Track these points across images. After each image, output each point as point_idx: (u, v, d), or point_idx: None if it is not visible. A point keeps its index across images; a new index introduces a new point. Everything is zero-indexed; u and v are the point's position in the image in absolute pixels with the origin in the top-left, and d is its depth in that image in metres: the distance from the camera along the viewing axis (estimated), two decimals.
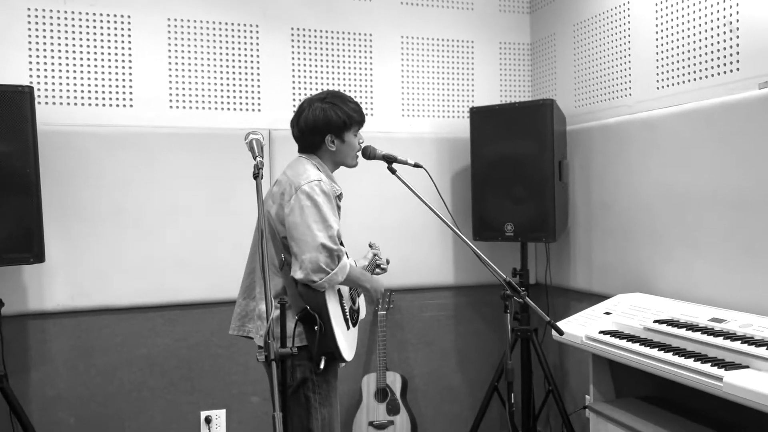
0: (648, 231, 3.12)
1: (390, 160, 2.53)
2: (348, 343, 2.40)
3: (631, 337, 2.56)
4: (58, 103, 3.29)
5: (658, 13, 3.13)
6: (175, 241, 3.39)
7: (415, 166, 2.56)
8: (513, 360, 2.46)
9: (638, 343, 2.47)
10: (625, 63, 3.36)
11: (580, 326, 2.82)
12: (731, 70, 2.75)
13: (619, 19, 3.38)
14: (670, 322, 2.55)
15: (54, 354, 3.27)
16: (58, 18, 3.28)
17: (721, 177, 2.71)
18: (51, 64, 3.27)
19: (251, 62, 3.62)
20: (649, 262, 3.12)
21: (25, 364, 3.22)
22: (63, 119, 3.28)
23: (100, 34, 3.35)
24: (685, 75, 2.99)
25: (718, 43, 2.81)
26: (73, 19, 3.31)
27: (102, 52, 3.36)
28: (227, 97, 3.58)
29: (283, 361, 1.89)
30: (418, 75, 3.95)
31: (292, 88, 3.69)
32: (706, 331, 2.38)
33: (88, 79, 3.33)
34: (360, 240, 2.91)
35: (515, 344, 3.51)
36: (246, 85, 3.61)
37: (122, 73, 3.39)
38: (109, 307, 3.33)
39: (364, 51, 3.83)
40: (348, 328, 2.44)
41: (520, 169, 3.47)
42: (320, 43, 3.74)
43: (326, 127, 2.41)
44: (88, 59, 3.33)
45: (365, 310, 2.78)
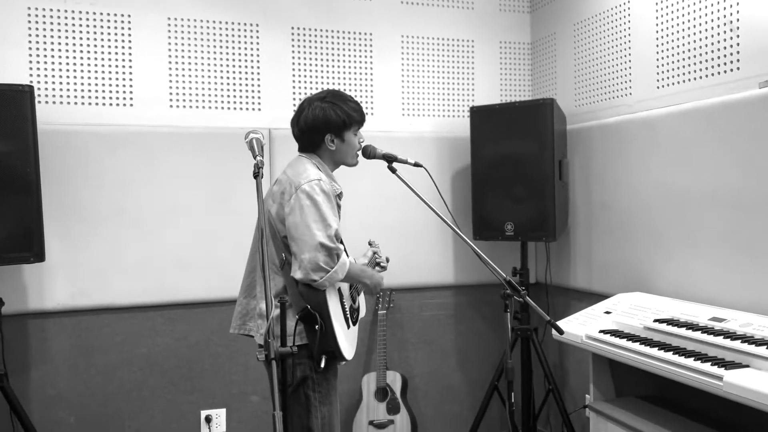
0: (648, 230, 3.12)
1: (390, 159, 2.53)
2: (348, 341, 2.40)
3: (631, 337, 2.56)
4: (58, 103, 3.29)
5: (658, 13, 3.13)
6: (175, 241, 3.40)
7: (416, 165, 2.56)
8: (513, 359, 2.46)
9: (638, 343, 2.47)
10: (626, 62, 3.36)
11: (580, 325, 2.83)
12: (731, 70, 2.75)
13: (620, 19, 3.38)
14: (670, 322, 2.55)
15: (54, 353, 3.27)
16: (58, 17, 3.28)
17: (722, 176, 2.71)
18: (51, 63, 3.27)
19: (251, 61, 3.62)
20: (649, 261, 3.12)
21: (26, 364, 3.22)
22: (63, 118, 3.28)
23: (101, 34, 3.35)
24: (685, 74, 2.99)
25: (719, 42, 2.81)
26: (73, 19, 3.31)
27: (102, 52, 3.36)
28: (227, 97, 3.58)
29: (283, 361, 1.90)
30: (418, 74, 3.94)
31: (293, 87, 3.69)
32: (706, 330, 2.38)
33: (88, 79, 3.34)
34: (360, 239, 2.91)
35: (515, 343, 3.51)
36: (246, 85, 3.61)
37: (122, 73, 3.39)
38: (110, 307, 3.34)
39: (365, 50, 3.83)
40: (348, 327, 2.44)
41: (521, 169, 3.47)
42: (320, 42, 3.74)
43: (326, 127, 2.41)
44: (88, 58, 3.33)
45: (365, 308, 2.78)
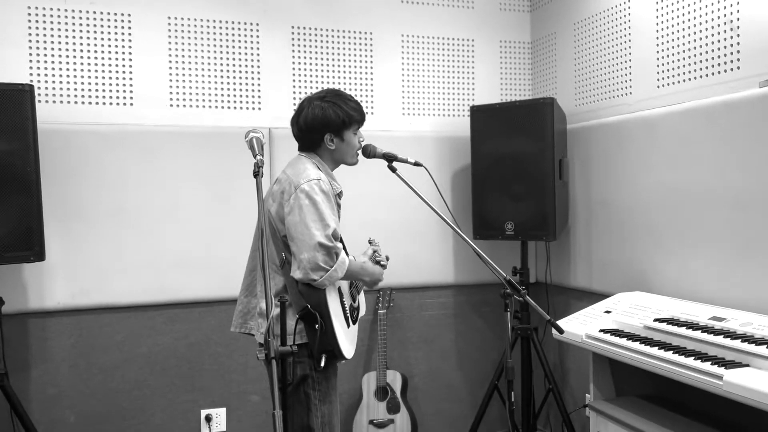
0: (648, 230, 3.12)
1: (390, 158, 2.53)
2: (348, 340, 2.40)
3: (632, 336, 2.56)
4: (59, 102, 3.29)
5: (658, 12, 3.13)
6: (175, 240, 3.40)
7: (416, 164, 2.56)
8: (513, 358, 2.46)
9: (638, 342, 2.47)
10: (626, 62, 3.36)
11: (581, 325, 2.82)
12: (732, 69, 2.75)
13: (620, 18, 3.38)
14: (671, 321, 2.55)
15: (54, 352, 3.28)
16: (58, 16, 3.28)
17: (722, 176, 2.71)
18: (51, 62, 3.27)
19: (251, 60, 3.61)
20: (649, 260, 3.12)
21: (26, 363, 3.22)
22: (63, 118, 3.28)
23: (101, 33, 3.35)
24: (685, 74, 2.99)
25: (719, 41, 2.81)
26: (73, 18, 3.31)
27: (102, 51, 3.36)
28: (227, 96, 3.58)
29: (283, 359, 1.90)
30: (418, 73, 3.94)
31: (293, 86, 3.69)
32: (707, 329, 2.38)
33: (88, 78, 3.33)
34: (360, 238, 2.90)
35: (515, 343, 3.52)
36: (246, 84, 3.61)
37: (122, 72, 3.39)
38: (110, 306, 3.34)
39: (365, 49, 3.83)
40: (348, 326, 2.44)
41: (521, 168, 3.47)
42: (321, 41, 3.74)
43: (325, 126, 2.41)
44: (88, 58, 3.33)
45: (365, 307, 2.78)
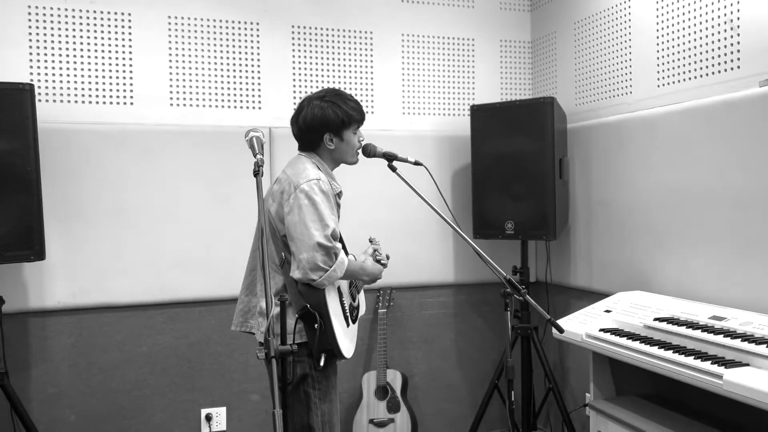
0: (648, 229, 3.12)
1: (390, 157, 2.53)
2: (348, 340, 2.41)
3: (632, 335, 2.56)
4: (59, 101, 3.29)
5: (658, 11, 3.13)
6: (175, 239, 3.40)
7: (416, 164, 2.56)
8: (513, 358, 2.46)
9: (638, 341, 2.47)
10: (626, 61, 3.35)
11: (581, 324, 2.82)
12: (732, 68, 2.75)
13: (620, 17, 3.38)
14: (671, 320, 2.55)
15: (55, 351, 3.28)
16: (58, 15, 3.28)
17: (722, 175, 2.71)
18: (51, 61, 3.27)
19: (252, 60, 3.61)
20: (649, 260, 3.12)
21: (26, 362, 3.23)
22: (63, 117, 3.28)
23: (101, 32, 3.35)
24: (685, 73, 2.99)
25: (719, 41, 2.81)
26: (73, 17, 3.31)
27: (102, 50, 3.36)
28: (228, 95, 3.58)
29: (284, 359, 1.90)
30: (418, 73, 3.94)
31: (293, 85, 3.69)
32: (707, 329, 2.38)
33: (88, 77, 3.33)
34: (360, 237, 2.90)
35: (515, 342, 3.52)
36: (246, 83, 3.61)
37: (123, 71, 3.39)
38: (110, 305, 3.34)
39: (365, 49, 3.83)
40: (348, 326, 2.45)
41: (521, 167, 3.47)
42: (321, 40, 3.74)
43: (324, 126, 2.41)
44: (88, 57, 3.33)
45: (365, 306, 2.78)
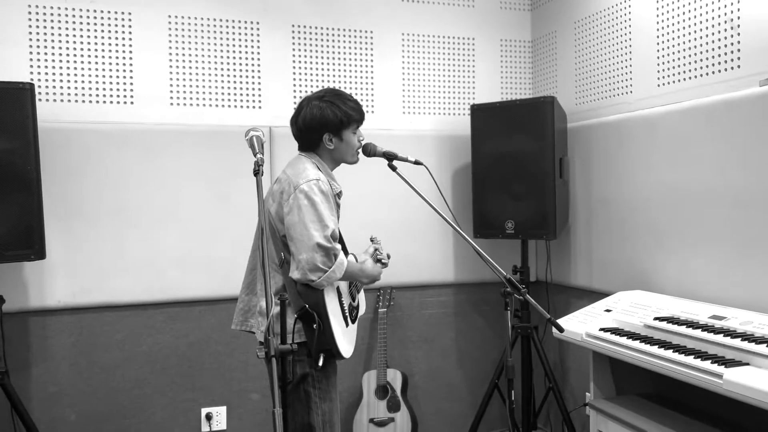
0: (648, 228, 3.12)
1: (390, 157, 2.53)
2: (347, 340, 2.40)
3: (632, 335, 2.56)
4: (59, 100, 3.29)
5: (659, 10, 3.13)
6: (175, 239, 3.40)
7: (416, 163, 2.56)
8: (513, 357, 2.46)
9: (639, 341, 2.47)
10: (626, 60, 3.35)
11: (581, 323, 2.82)
12: (732, 68, 2.75)
13: (620, 17, 3.38)
14: (671, 320, 2.55)
15: (55, 351, 3.28)
16: (58, 15, 3.28)
17: (722, 174, 2.71)
18: (52, 61, 3.27)
19: (252, 59, 3.61)
20: (649, 259, 3.12)
21: (27, 361, 3.23)
22: (64, 116, 3.28)
23: (101, 31, 3.35)
24: (686, 72, 2.99)
25: (719, 40, 2.81)
26: (73, 16, 3.31)
27: (102, 49, 3.36)
28: (228, 94, 3.58)
29: (283, 358, 1.90)
30: (418, 72, 3.94)
31: (293, 85, 3.69)
32: (707, 328, 2.38)
33: (89, 76, 3.33)
34: (361, 237, 2.90)
35: (515, 341, 3.52)
36: (247, 82, 3.61)
37: (123, 71, 3.39)
38: (110, 304, 3.34)
39: (365, 48, 3.83)
40: (347, 325, 2.45)
41: (521, 167, 3.47)
42: (321, 40, 3.74)
43: (323, 126, 2.41)
44: (88, 56, 3.33)
45: (365, 306, 2.78)
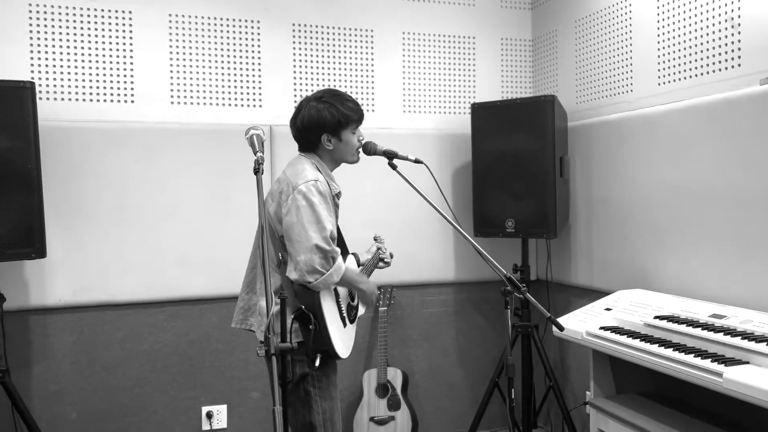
0: (649, 227, 3.12)
1: (391, 156, 2.53)
2: (343, 341, 2.40)
3: (632, 333, 2.56)
4: (59, 99, 3.29)
5: (659, 9, 3.13)
6: (176, 237, 3.40)
7: (416, 162, 2.56)
8: (513, 356, 2.46)
9: (639, 339, 2.47)
10: (627, 59, 3.35)
11: (581, 322, 2.83)
12: (732, 66, 2.75)
13: (621, 16, 3.38)
14: (671, 318, 2.55)
15: (56, 349, 3.28)
16: (59, 13, 3.28)
17: (722, 173, 2.71)
18: (52, 59, 3.27)
19: (252, 58, 3.61)
20: (649, 258, 3.12)
21: (27, 359, 3.23)
22: (64, 115, 3.28)
23: (101, 30, 3.35)
24: (686, 71, 2.99)
25: (720, 39, 2.80)
26: (74, 15, 3.31)
27: (103, 48, 3.36)
28: (228, 93, 3.58)
29: (284, 356, 1.90)
30: (419, 71, 3.94)
31: (294, 83, 3.69)
32: (707, 327, 2.38)
33: (89, 75, 3.34)
34: (360, 236, 2.91)
35: (516, 340, 3.52)
36: (247, 81, 3.61)
37: (123, 69, 3.39)
38: (111, 303, 3.34)
39: (366, 47, 3.83)
40: (345, 326, 2.44)
41: (521, 165, 3.47)
42: (321, 38, 3.74)
43: (321, 127, 2.42)
44: (89, 55, 3.33)
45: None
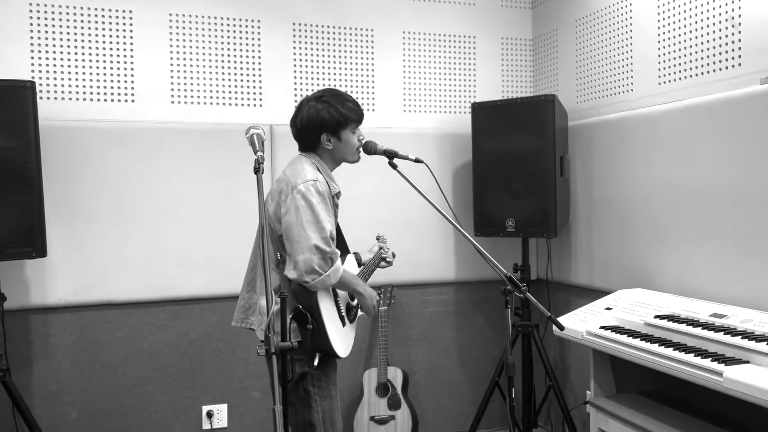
0: (649, 226, 3.12)
1: (391, 155, 2.53)
2: (342, 340, 2.40)
3: (632, 333, 2.56)
4: (60, 98, 3.29)
5: (659, 9, 3.13)
6: (176, 236, 3.40)
7: (416, 161, 2.55)
8: (514, 355, 2.46)
9: (639, 339, 2.47)
10: (627, 59, 3.35)
11: (581, 321, 2.83)
12: (733, 66, 2.75)
13: (621, 15, 3.38)
14: (671, 318, 2.55)
15: (56, 348, 3.28)
16: (59, 13, 3.28)
17: (723, 172, 2.71)
18: (53, 59, 3.27)
19: (252, 57, 3.61)
20: (650, 257, 3.12)
21: (28, 359, 3.23)
22: (65, 114, 3.28)
23: (102, 29, 3.35)
24: (686, 70, 2.99)
25: (720, 38, 2.80)
26: (74, 14, 3.31)
27: (103, 47, 3.36)
28: (229, 93, 3.58)
29: (284, 355, 1.90)
30: (419, 70, 3.94)
31: (294, 83, 3.69)
32: (707, 326, 2.38)
33: (89, 75, 3.34)
34: (360, 235, 2.91)
35: (516, 340, 3.52)
36: (247, 81, 3.61)
37: (124, 69, 3.39)
38: (111, 302, 3.34)
39: (366, 46, 3.83)
40: (343, 325, 2.44)
41: (522, 165, 3.47)
42: (322, 38, 3.74)
43: (320, 127, 2.42)
44: (89, 54, 3.34)
45: None
